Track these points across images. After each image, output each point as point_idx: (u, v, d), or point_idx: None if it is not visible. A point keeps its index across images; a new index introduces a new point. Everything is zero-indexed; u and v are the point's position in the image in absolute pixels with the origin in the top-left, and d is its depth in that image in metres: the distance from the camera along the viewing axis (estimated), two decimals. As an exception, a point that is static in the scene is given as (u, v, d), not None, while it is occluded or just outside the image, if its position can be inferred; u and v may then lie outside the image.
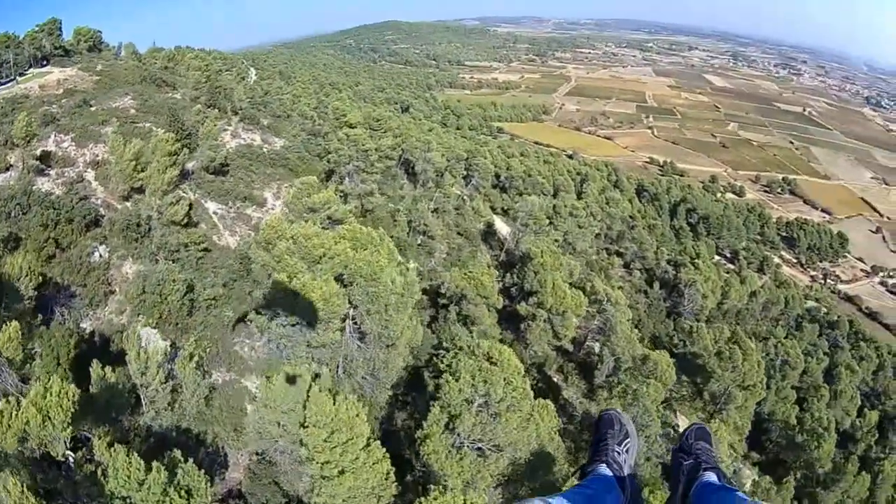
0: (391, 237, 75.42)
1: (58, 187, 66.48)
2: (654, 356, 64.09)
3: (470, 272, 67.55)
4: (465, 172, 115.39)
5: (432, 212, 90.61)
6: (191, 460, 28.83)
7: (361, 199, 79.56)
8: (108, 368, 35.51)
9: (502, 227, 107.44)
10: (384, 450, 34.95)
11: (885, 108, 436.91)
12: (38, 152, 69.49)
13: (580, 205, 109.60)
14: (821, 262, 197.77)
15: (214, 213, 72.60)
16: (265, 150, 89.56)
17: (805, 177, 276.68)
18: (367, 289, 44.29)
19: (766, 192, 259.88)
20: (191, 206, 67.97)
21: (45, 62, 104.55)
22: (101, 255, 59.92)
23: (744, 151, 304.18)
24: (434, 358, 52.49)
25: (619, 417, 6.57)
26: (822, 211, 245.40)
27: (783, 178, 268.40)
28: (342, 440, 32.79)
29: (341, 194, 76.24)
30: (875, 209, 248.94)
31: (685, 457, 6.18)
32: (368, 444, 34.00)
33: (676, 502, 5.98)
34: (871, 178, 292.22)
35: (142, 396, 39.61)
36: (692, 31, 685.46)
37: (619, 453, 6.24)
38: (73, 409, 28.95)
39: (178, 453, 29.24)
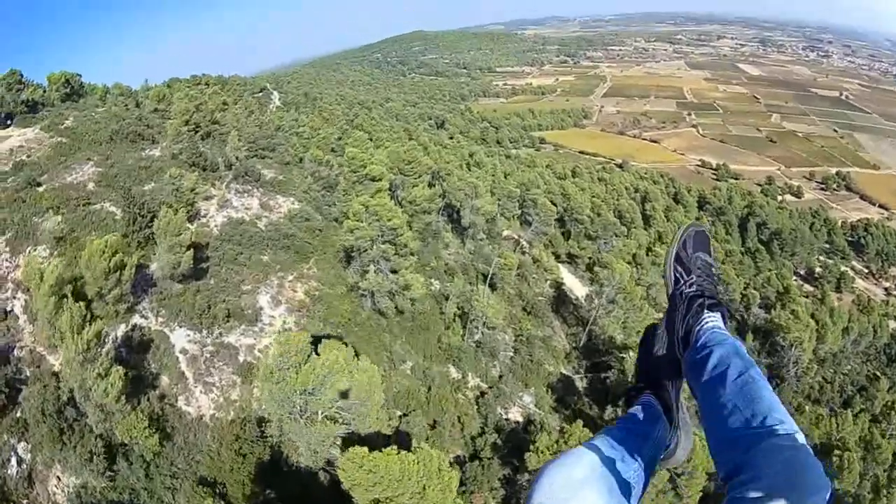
0: (439, 345, 60.76)
1: None
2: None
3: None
4: (519, 211, 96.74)
5: (489, 285, 69.42)
6: None
7: (394, 297, 58.11)
8: None
9: (572, 282, 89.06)
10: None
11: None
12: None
13: (663, 251, 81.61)
14: (890, 267, 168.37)
15: (182, 350, 49.70)
16: (263, 222, 66.74)
17: (855, 168, 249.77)
18: None
19: (822, 189, 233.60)
20: (149, 343, 48.33)
21: (8, 121, 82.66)
22: (19, 462, 40.03)
23: (792, 145, 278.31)
24: None
25: None
26: (880, 206, 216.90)
27: (836, 173, 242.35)
28: None
29: (364, 294, 58.51)
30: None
31: (684, 274, 5.08)
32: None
33: (676, 335, 4.79)
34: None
35: None
36: (716, 19, 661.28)
37: None
38: None
39: None
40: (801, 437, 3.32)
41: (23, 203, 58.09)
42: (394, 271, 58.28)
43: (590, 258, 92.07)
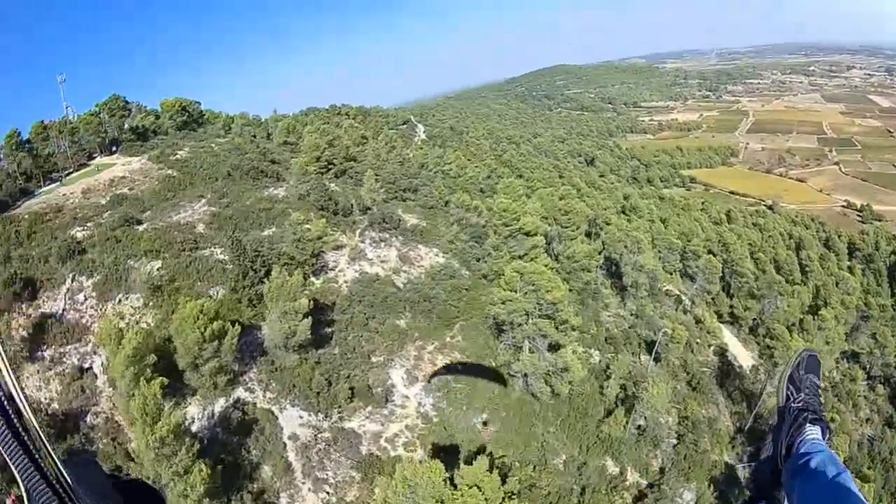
0: (598, 433, 50.64)
1: (47, 387, 41.06)
2: None
3: None
4: (680, 265, 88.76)
5: (654, 359, 62.34)
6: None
7: (550, 378, 48.73)
8: None
9: (736, 346, 79.02)
10: None
11: None
12: (34, 316, 44.59)
13: (829, 315, 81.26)
14: None
15: (292, 436, 41.58)
16: (401, 278, 57.31)
17: None
18: None
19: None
20: (252, 425, 40.80)
21: (113, 148, 76.84)
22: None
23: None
24: None
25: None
26: None
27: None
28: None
29: (515, 376, 49.06)
30: None
31: (795, 392, 5.75)
32: None
33: (780, 445, 5.37)
34: None
35: None
36: (843, 49, 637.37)
37: None
38: None
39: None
40: None
41: (117, 243, 50.87)
42: (552, 346, 48.99)
43: (754, 320, 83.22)
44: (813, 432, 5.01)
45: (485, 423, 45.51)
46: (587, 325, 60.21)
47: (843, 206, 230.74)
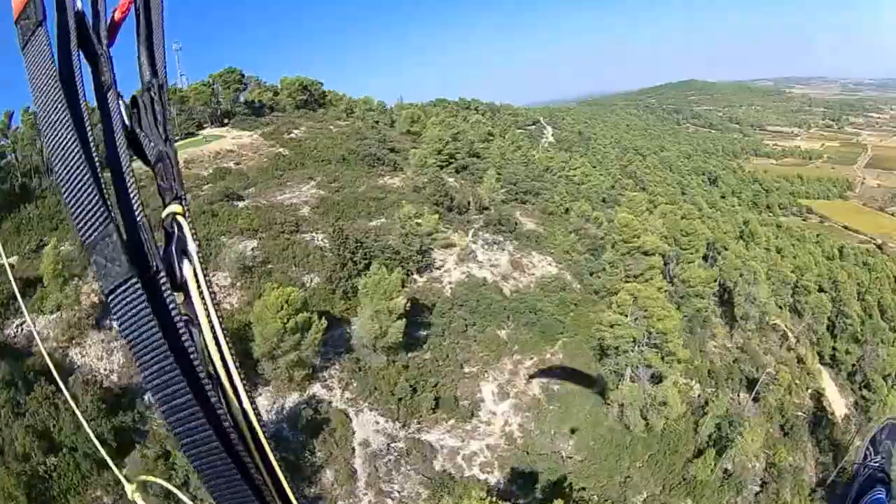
0: (683, 474, 48.03)
1: (109, 358, 38.90)
2: None
3: None
4: (791, 300, 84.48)
5: (753, 398, 60.16)
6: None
7: (645, 411, 47.18)
8: None
9: (832, 392, 74.90)
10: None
11: None
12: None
13: None
14: None
15: (364, 442, 39.64)
16: (508, 286, 55.58)
17: None
18: None
19: None
20: (323, 424, 38.66)
21: (225, 120, 76.73)
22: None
23: None
24: None
25: None
26: None
27: None
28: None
29: (611, 404, 47.59)
30: None
31: (873, 453, 7.08)
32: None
33: (849, 499, 6.75)
34: None
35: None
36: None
37: None
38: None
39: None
40: None
41: (213, 217, 49.84)
42: (654, 377, 47.42)
43: (853, 365, 79.68)
44: (880, 493, 5.80)
45: (573, 431, 43.79)
46: (692, 354, 57.69)
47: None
